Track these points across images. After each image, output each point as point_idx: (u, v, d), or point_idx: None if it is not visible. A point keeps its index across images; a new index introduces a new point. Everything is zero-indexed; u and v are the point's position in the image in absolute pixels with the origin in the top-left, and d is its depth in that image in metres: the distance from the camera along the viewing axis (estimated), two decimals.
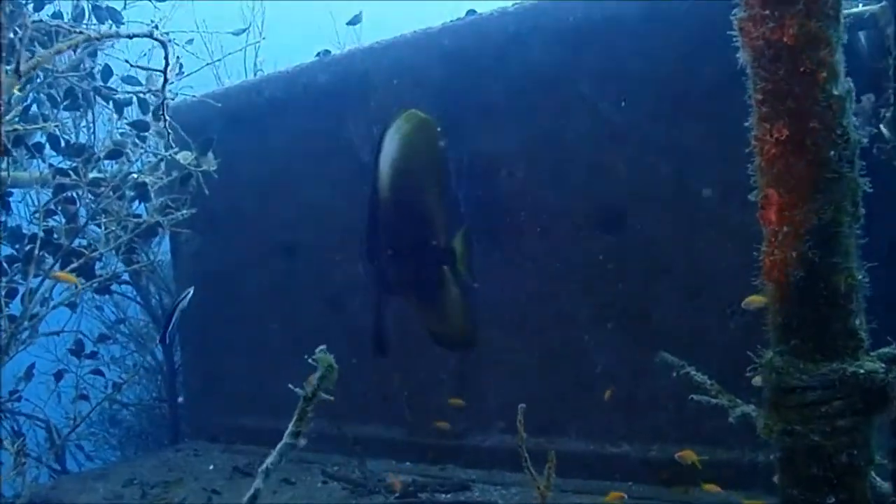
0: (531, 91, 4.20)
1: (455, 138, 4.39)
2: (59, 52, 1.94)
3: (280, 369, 5.18)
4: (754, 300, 2.91)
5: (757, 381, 2.00)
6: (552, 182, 4.19)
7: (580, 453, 4.00)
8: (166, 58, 2.20)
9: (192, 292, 3.90)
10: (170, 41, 2.20)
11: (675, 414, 3.78)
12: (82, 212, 4.84)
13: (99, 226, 4.82)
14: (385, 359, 4.40)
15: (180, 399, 6.20)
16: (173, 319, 3.83)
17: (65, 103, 4.82)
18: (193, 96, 5.16)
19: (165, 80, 2.21)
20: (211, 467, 5.05)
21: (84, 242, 4.86)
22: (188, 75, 5.38)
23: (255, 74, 6.77)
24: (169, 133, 2.42)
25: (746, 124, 1.83)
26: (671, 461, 3.59)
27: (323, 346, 1.83)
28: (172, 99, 4.66)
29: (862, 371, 1.72)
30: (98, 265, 5.05)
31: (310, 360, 1.79)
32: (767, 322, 1.83)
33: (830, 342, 1.73)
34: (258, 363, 5.38)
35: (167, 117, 2.51)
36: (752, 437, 3.35)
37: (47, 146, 4.86)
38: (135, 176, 4.85)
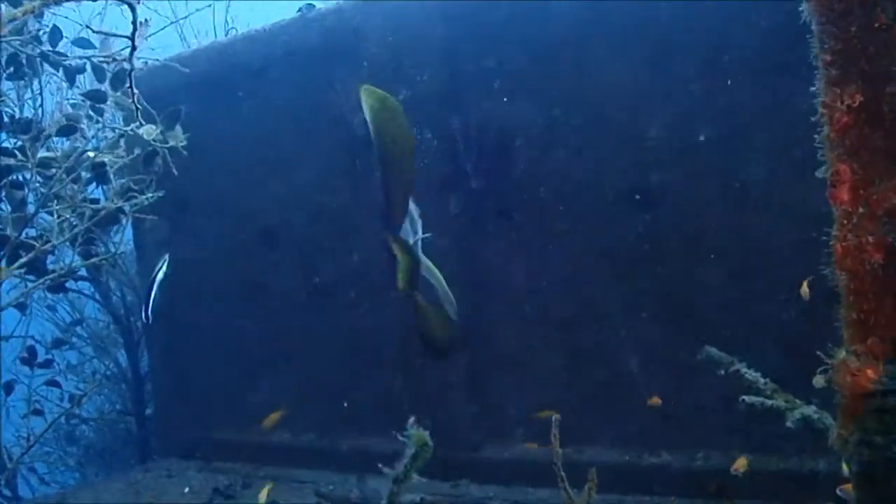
0: (551, 50, 4.19)
1: (461, 105, 4.38)
2: (14, 19, 1.94)
3: (263, 374, 5.26)
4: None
5: (818, 381, 2.01)
6: (576, 152, 4.19)
7: (614, 464, 4.03)
8: (134, 22, 2.19)
9: (168, 259, 3.92)
10: (138, 1, 2.18)
11: (722, 418, 3.81)
12: (31, 197, 4.82)
13: (51, 213, 4.80)
14: None
15: (148, 411, 6.23)
16: (153, 294, 3.85)
17: (7, 72, 4.79)
18: (156, 60, 5.12)
19: (133, 48, 2.21)
20: (186, 489, 5.07)
21: (34, 233, 4.85)
22: (149, 36, 5.34)
23: (226, 34, 6.74)
24: (137, 109, 2.41)
25: (812, 89, 1.83)
26: (719, 471, 3.62)
27: (413, 419, 1.83)
28: (142, 69, 4.64)
29: None
30: (50, 259, 5.04)
31: (400, 438, 1.79)
32: (839, 316, 1.83)
33: None
34: (237, 368, 5.41)
35: (134, 90, 2.50)
36: (813, 443, 3.40)
37: None
38: (91, 155, 4.82)
